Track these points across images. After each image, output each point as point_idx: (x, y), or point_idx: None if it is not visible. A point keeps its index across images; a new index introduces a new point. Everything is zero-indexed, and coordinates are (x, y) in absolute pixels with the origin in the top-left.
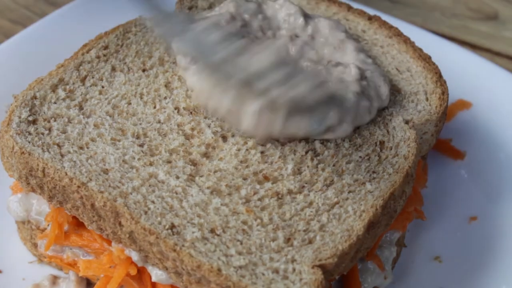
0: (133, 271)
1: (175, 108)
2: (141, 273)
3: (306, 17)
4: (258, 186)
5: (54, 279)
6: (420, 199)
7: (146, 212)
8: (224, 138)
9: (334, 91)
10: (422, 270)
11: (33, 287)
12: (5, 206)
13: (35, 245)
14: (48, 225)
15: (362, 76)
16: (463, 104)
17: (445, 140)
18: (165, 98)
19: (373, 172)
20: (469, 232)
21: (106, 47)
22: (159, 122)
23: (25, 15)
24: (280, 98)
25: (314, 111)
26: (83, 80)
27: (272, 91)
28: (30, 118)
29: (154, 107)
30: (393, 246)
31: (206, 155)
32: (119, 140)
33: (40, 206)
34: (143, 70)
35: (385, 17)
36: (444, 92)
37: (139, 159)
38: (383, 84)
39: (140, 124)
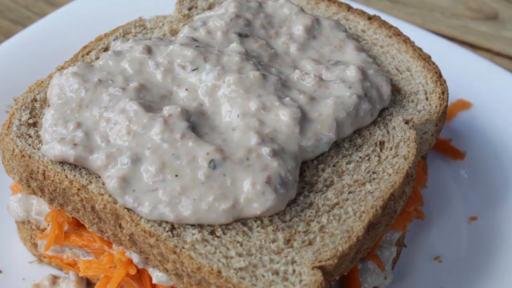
0: (133, 271)
1: None
2: (141, 274)
3: None
4: None
5: (54, 279)
6: (420, 199)
7: None
8: None
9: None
10: (422, 270)
11: (33, 287)
12: (5, 206)
13: (35, 245)
14: (48, 225)
15: (364, 76)
16: (463, 104)
17: (445, 140)
18: None
19: (373, 172)
20: (469, 232)
21: (106, 49)
22: None
23: (25, 15)
24: None
25: None
26: None
27: None
28: (31, 121)
29: None
30: (393, 246)
31: None
32: None
33: (40, 206)
34: None
35: (384, 17)
36: (444, 91)
37: None
38: (385, 84)
39: None
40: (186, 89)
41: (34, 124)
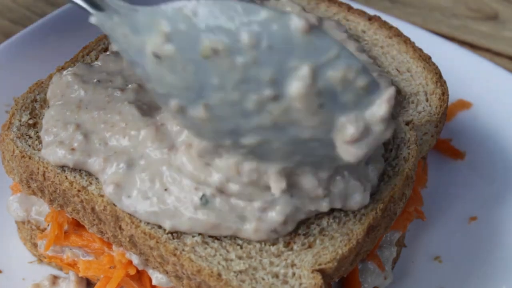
0: (132, 271)
1: None
2: (141, 275)
3: None
4: None
5: (54, 279)
6: (420, 199)
7: None
8: None
9: None
10: (422, 270)
11: (33, 287)
12: (5, 206)
13: (35, 245)
14: (48, 225)
15: None
16: (463, 104)
17: (445, 140)
18: None
19: None
20: (469, 232)
21: (106, 49)
22: None
23: (25, 15)
24: None
25: None
26: None
27: None
28: (31, 122)
29: None
30: (393, 246)
31: None
32: None
33: (40, 206)
34: None
35: (385, 17)
36: (444, 92)
37: None
38: (388, 86)
39: None
40: None
41: (34, 125)
